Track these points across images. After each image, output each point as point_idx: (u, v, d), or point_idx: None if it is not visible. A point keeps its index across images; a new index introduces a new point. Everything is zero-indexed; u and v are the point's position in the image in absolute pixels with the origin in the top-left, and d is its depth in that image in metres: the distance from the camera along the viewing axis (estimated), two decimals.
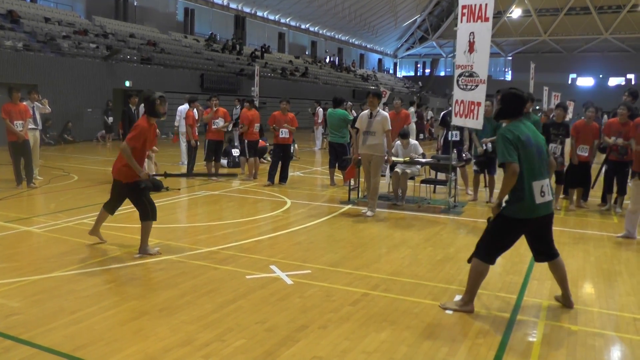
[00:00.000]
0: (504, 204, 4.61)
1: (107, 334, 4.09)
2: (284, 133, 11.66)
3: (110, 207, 6.53)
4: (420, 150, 9.99)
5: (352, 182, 10.19)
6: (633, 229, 7.47)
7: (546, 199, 4.49)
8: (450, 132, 10.75)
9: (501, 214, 4.56)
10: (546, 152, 4.64)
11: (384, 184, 11.30)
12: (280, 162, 11.70)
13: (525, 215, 4.48)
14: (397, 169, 9.69)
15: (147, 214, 6.14)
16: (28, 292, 4.93)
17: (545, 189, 4.48)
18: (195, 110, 13.19)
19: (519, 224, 4.53)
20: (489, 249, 4.63)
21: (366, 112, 8.80)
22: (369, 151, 8.68)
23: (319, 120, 21.48)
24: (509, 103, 4.61)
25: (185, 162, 13.51)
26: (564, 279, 4.82)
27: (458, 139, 10.34)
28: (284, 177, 11.79)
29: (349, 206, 9.36)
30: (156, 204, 6.34)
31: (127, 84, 23.58)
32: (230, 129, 15.58)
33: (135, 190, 6.16)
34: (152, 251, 6.19)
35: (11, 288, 5.04)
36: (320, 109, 21.50)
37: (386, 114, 8.85)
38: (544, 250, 4.78)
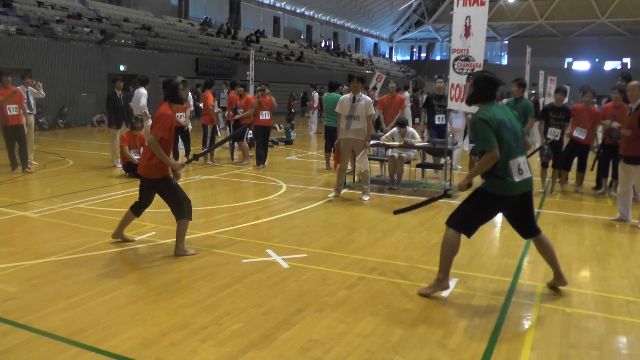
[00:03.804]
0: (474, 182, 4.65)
1: (105, 318, 4.11)
2: (265, 115, 11.81)
3: (138, 208, 6.00)
4: (418, 137, 9.99)
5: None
6: (626, 212, 7.52)
7: (525, 177, 4.49)
8: (437, 116, 10.71)
9: (482, 189, 4.56)
10: (521, 131, 4.64)
11: (376, 168, 11.32)
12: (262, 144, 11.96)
13: (506, 192, 4.47)
14: (394, 153, 9.70)
15: (183, 211, 5.62)
16: (24, 277, 4.94)
17: (522, 166, 4.49)
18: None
19: (499, 200, 4.52)
20: (467, 221, 4.62)
21: (347, 96, 8.73)
22: (353, 136, 8.60)
23: (315, 105, 21.45)
24: (482, 86, 4.59)
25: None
26: (553, 256, 4.82)
27: (444, 122, 10.33)
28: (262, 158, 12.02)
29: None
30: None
31: (122, 68, 23.44)
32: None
33: (166, 186, 5.66)
34: (190, 252, 5.70)
35: (7, 273, 5.05)
36: (316, 93, 21.47)
37: (369, 98, 8.81)
38: (526, 228, 4.79)
